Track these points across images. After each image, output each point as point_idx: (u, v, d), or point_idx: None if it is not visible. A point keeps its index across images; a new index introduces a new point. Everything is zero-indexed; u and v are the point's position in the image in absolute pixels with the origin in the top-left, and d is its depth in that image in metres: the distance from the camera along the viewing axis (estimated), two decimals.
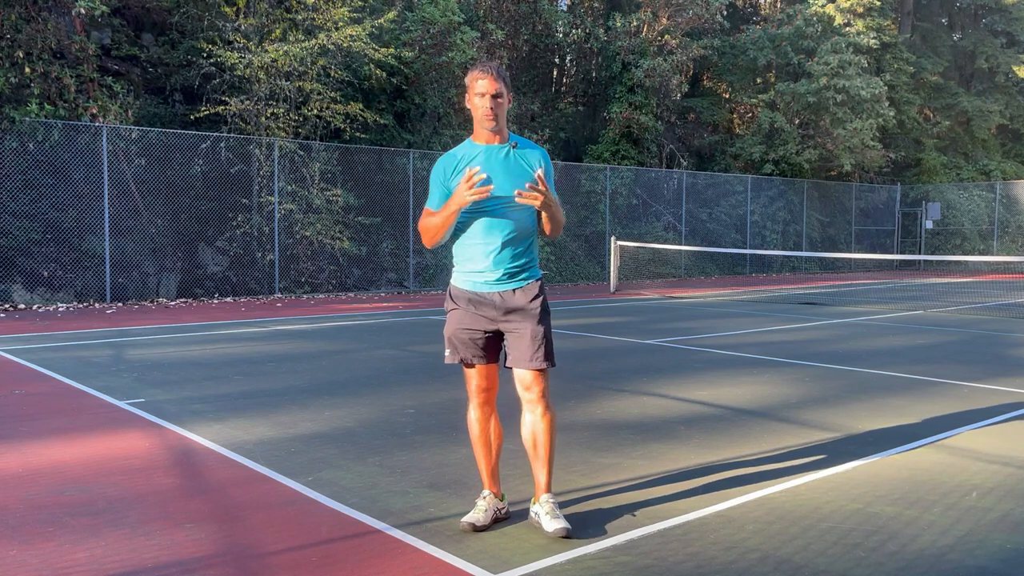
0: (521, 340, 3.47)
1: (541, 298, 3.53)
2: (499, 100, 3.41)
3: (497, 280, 3.48)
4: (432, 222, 3.44)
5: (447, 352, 3.60)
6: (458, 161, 3.48)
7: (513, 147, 3.49)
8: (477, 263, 3.49)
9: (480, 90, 3.39)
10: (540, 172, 3.42)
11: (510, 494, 3.89)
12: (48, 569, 3.09)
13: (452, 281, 3.62)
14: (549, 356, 3.49)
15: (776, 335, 10.39)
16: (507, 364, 3.55)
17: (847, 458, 4.64)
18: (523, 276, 3.51)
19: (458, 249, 3.56)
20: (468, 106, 3.48)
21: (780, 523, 3.61)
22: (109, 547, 3.31)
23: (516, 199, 3.35)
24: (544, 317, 3.52)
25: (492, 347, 3.56)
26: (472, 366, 3.56)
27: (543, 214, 3.46)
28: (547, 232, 3.53)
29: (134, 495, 3.95)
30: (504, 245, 3.46)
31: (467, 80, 3.46)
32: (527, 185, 3.34)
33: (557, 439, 4.94)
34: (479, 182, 3.28)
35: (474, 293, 3.51)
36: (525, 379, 3.50)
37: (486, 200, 3.36)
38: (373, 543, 3.37)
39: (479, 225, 3.45)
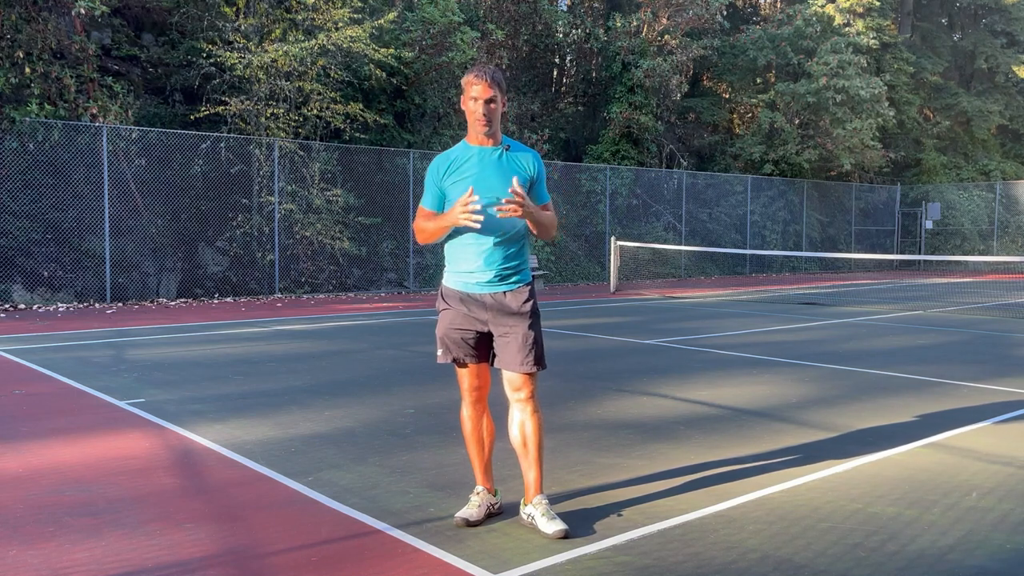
0: (512, 343, 3.50)
1: (532, 301, 3.57)
2: (492, 106, 3.45)
3: (488, 281, 3.52)
4: (426, 227, 3.53)
5: (439, 352, 3.66)
6: (451, 162, 3.53)
7: (506, 149, 3.55)
8: (469, 264, 3.53)
9: (474, 95, 3.44)
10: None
11: (508, 494, 3.89)
12: (48, 569, 3.09)
13: (444, 281, 3.67)
14: (540, 360, 3.54)
15: (776, 335, 10.39)
16: (496, 365, 3.59)
17: (847, 458, 4.64)
18: (514, 279, 3.55)
19: (450, 250, 3.61)
20: (463, 107, 3.53)
21: (780, 523, 3.61)
22: (109, 547, 3.31)
23: (497, 215, 3.36)
24: (535, 321, 3.56)
25: (483, 346, 3.60)
26: (464, 365, 3.62)
27: (527, 222, 3.49)
28: (538, 235, 3.57)
29: (134, 495, 3.95)
30: (496, 247, 3.50)
31: (463, 82, 3.50)
32: (503, 199, 3.33)
33: (556, 439, 4.96)
34: (475, 211, 3.30)
35: (465, 294, 3.56)
36: (515, 381, 3.54)
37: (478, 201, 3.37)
38: (373, 543, 3.37)
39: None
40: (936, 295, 17.48)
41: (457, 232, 3.54)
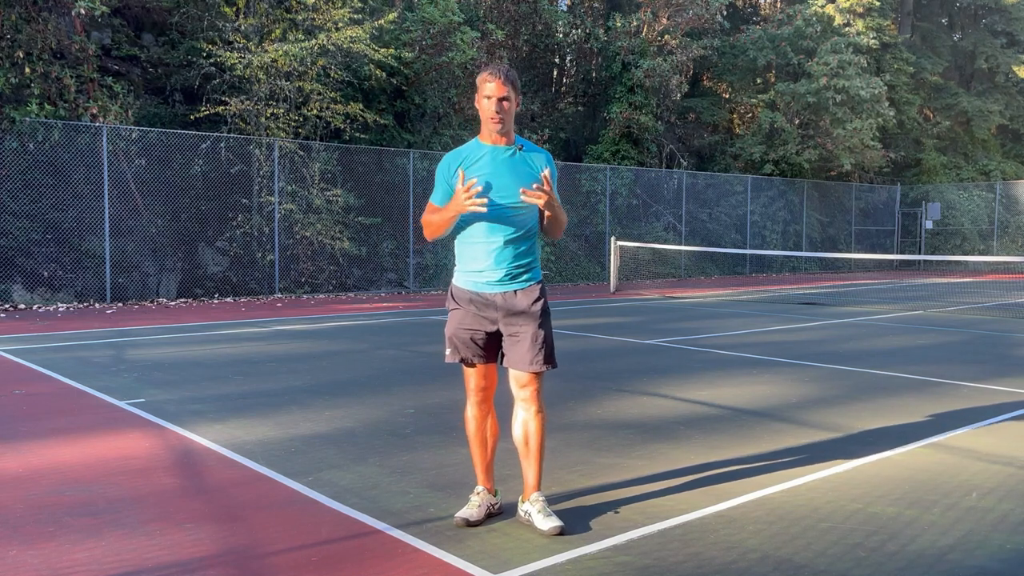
0: (521, 343, 3.49)
1: (542, 300, 3.56)
2: (505, 104, 3.43)
3: (499, 280, 3.51)
4: (432, 220, 3.53)
5: (447, 351, 3.63)
6: (463, 160, 3.51)
7: (519, 149, 3.53)
8: (479, 263, 3.52)
9: (487, 93, 3.42)
10: (546, 172, 3.46)
11: (508, 494, 3.89)
12: (48, 569, 3.09)
13: (454, 280, 3.65)
14: (549, 359, 3.53)
15: (776, 335, 10.38)
16: (504, 364, 3.58)
17: (847, 458, 4.64)
18: (525, 277, 3.54)
19: (460, 249, 3.59)
20: (476, 106, 3.51)
21: (780, 523, 3.61)
22: (109, 547, 3.31)
23: (521, 197, 3.40)
24: (545, 320, 3.55)
25: (492, 346, 3.58)
26: (472, 365, 3.60)
27: (546, 214, 3.51)
28: (549, 232, 3.58)
29: (134, 495, 3.95)
30: (506, 245, 3.49)
31: (477, 80, 3.48)
32: (534, 185, 3.39)
33: (556, 439, 4.96)
34: (477, 193, 3.31)
35: (476, 293, 3.54)
36: (522, 378, 3.54)
37: (489, 201, 3.38)
38: (373, 543, 3.37)
39: (482, 225, 3.48)
40: (936, 295, 17.47)
41: (467, 231, 3.52)
